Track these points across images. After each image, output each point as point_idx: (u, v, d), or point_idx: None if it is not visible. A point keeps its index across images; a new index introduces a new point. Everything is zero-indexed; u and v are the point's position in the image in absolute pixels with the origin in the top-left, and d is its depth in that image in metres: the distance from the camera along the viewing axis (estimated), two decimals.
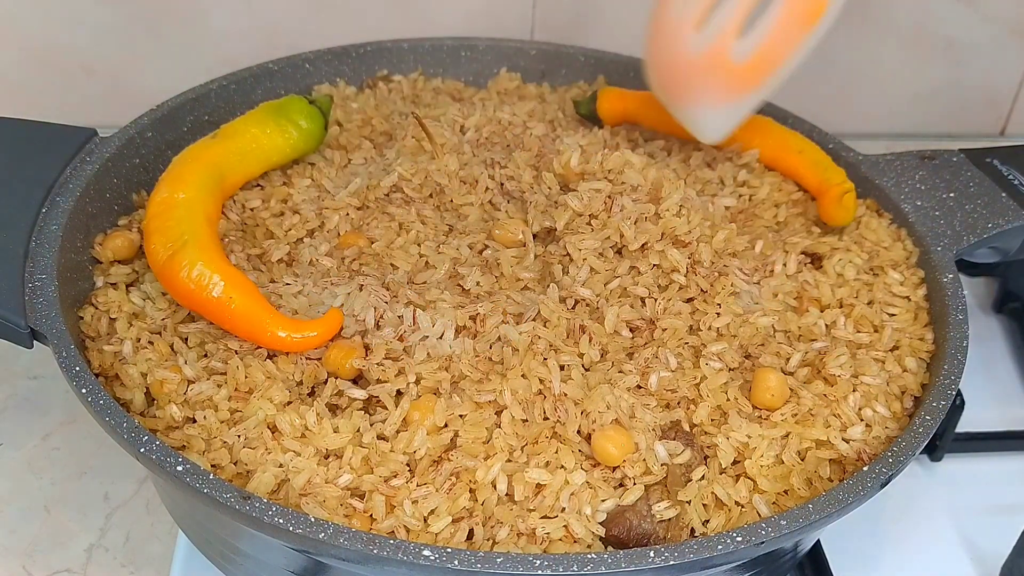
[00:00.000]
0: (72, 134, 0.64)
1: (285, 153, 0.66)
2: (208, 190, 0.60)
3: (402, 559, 0.44)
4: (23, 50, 0.90)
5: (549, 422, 0.52)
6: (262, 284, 0.59)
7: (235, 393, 0.53)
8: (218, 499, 0.45)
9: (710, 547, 0.46)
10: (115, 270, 0.60)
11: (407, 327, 0.55)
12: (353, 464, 0.50)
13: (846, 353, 0.57)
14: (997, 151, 0.72)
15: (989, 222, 0.66)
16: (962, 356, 0.58)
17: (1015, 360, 0.80)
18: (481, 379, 0.54)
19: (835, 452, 0.53)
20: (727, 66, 0.60)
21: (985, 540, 0.66)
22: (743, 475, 0.52)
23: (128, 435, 0.48)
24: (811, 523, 0.48)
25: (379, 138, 0.72)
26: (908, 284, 0.64)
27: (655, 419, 0.53)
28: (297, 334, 0.54)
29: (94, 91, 0.93)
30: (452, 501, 0.49)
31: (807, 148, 0.71)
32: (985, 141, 0.74)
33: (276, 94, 0.74)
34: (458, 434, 0.51)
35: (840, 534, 0.62)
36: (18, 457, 0.67)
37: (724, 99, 0.61)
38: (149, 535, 0.63)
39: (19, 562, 0.61)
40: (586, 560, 0.44)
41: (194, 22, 0.90)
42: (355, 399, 0.53)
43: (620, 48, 0.82)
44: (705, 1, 0.60)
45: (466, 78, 0.82)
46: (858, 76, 1.02)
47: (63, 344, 0.52)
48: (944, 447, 0.70)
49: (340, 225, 0.64)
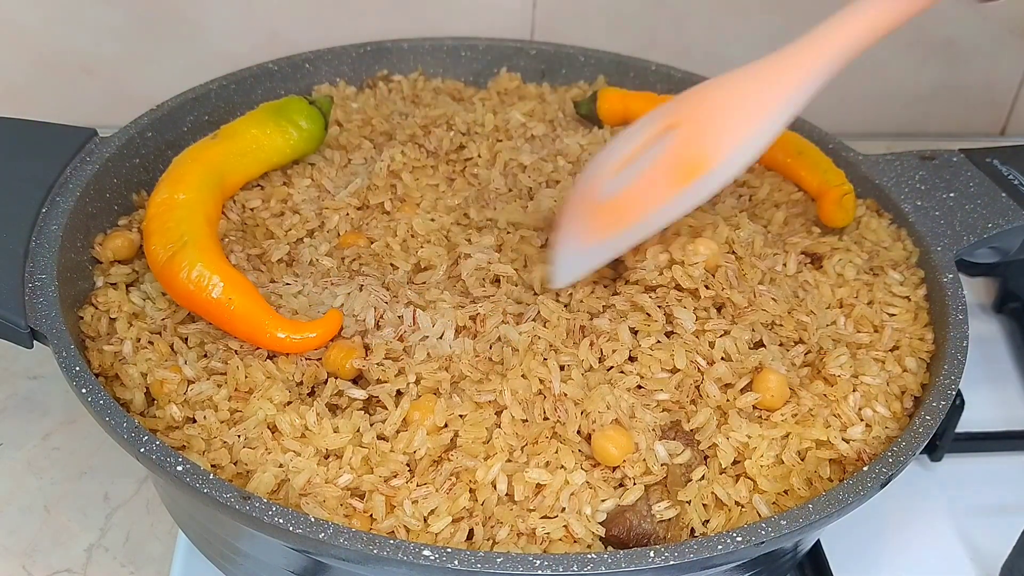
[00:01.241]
0: (72, 134, 0.64)
1: (285, 154, 0.66)
2: (208, 191, 0.60)
3: (402, 559, 0.44)
4: (23, 50, 0.90)
5: (549, 422, 0.52)
6: (262, 284, 0.59)
7: (235, 393, 0.53)
8: (218, 499, 0.45)
9: (710, 547, 0.46)
10: (115, 270, 0.60)
11: (407, 327, 0.55)
12: (353, 464, 0.50)
13: (846, 353, 0.57)
14: (997, 151, 0.72)
15: (989, 222, 0.66)
16: (962, 356, 0.58)
17: (1015, 360, 0.80)
18: (481, 379, 0.54)
19: (835, 452, 0.53)
20: (591, 203, 0.57)
21: (985, 540, 0.66)
22: (743, 475, 0.52)
23: (128, 435, 0.48)
24: (811, 523, 0.48)
25: (379, 138, 0.72)
26: (908, 284, 0.64)
27: (655, 419, 0.53)
28: (296, 335, 0.54)
29: (94, 91, 0.93)
30: (452, 501, 0.49)
31: (806, 149, 0.71)
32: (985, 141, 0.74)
33: (276, 94, 0.74)
34: (458, 434, 0.51)
35: (840, 534, 0.62)
36: (18, 457, 0.67)
37: (578, 236, 0.57)
38: (149, 535, 0.63)
39: (19, 562, 0.61)
40: (586, 560, 0.44)
41: (194, 22, 0.90)
42: (355, 399, 0.53)
43: (620, 48, 0.82)
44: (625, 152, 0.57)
45: (466, 78, 0.82)
46: (858, 76, 1.02)
47: (63, 344, 0.52)
48: (944, 447, 0.70)
49: (340, 225, 0.64)
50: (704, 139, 0.54)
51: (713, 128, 0.54)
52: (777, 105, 0.54)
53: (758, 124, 0.54)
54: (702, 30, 0.96)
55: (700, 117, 0.55)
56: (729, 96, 0.55)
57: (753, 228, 0.63)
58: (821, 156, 0.71)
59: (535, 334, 0.55)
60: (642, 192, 0.55)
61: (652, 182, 0.55)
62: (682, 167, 0.54)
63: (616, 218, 0.56)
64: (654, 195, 0.55)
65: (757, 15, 0.95)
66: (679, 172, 0.54)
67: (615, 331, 0.56)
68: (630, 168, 0.56)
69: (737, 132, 0.54)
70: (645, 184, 0.55)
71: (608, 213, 0.56)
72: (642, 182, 0.55)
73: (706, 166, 0.53)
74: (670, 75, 0.80)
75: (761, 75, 0.54)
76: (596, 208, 0.57)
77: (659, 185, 0.55)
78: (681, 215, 0.56)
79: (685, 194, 0.54)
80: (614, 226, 0.56)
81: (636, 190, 0.55)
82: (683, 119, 0.56)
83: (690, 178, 0.54)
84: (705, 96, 0.56)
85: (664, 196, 0.54)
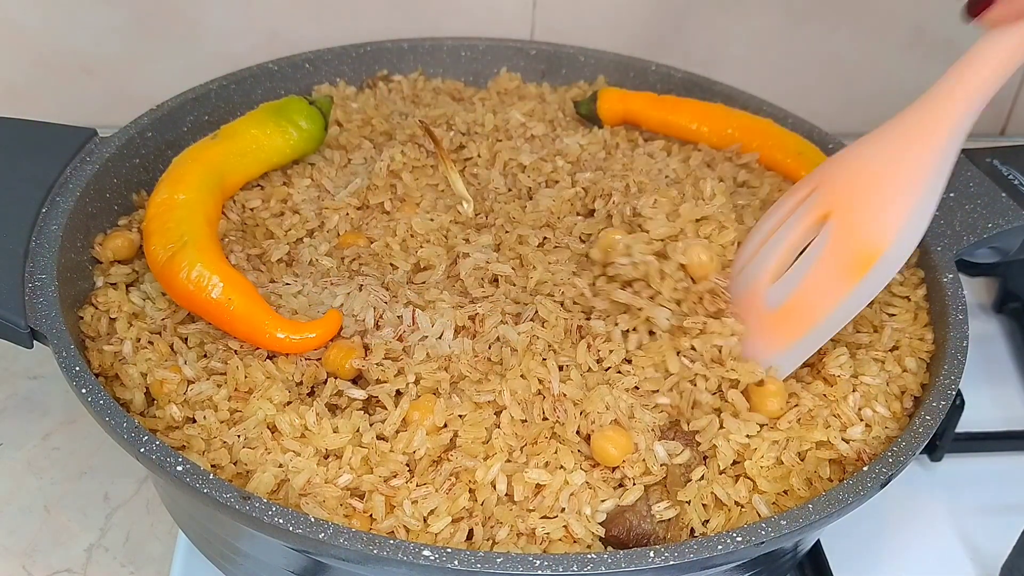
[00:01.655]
0: (72, 134, 0.64)
1: (285, 154, 0.66)
2: (208, 191, 0.60)
3: (402, 559, 0.44)
4: (23, 50, 0.90)
5: (548, 422, 0.52)
6: (262, 284, 0.59)
7: (235, 393, 0.53)
8: (218, 499, 0.45)
9: (710, 547, 0.46)
10: (115, 270, 0.60)
11: (406, 327, 0.55)
12: (353, 464, 0.50)
13: (846, 353, 0.57)
14: (997, 151, 0.72)
15: (989, 222, 0.66)
16: (962, 356, 0.57)
17: (1015, 360, 0.80)
18: (480, 379, 0.54)
19: (835, 452, 0.53)
20: (760, 311, 0.54)
21: (985, 540, 0.66)
22: (743, 475, 0.52)
23: (128, 435, 0.48)
24: (811, 523, 0.48)
25: (379, 138, 0.72)
26: (908, 284, 0.64)
27: (654, 419, 0.53)
28: (296, 335, 0.54)
29: (94, 91, 0.93)
30: (452, 501, 0.49)
31: (806, 150, 0.71)
32: (985, 141, 0.73)
33: (276, 94, 0.74)
34: (458, 434, 0.51)
35: (840, 534, 0.62)
36: (18, 457, 0.67)
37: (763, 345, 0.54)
38: (149, 535, 0.63)
39: (19, 562, 0.61)
40: (586, 560, 0.44)
41: (194, 22, 0.90)
42: (355, 399, 0.53)
43: (620, 48, 0.82)
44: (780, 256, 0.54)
45: (466, 78, 0.82)
46: (858, 76, 1.02)
47: (63, 344, 0.52)
48: (944, 447, 0.70)
49: (340, 225, 0.64)
50: (867, 224, 0.51)
51: (873, 209, 0.50)
52: (933, 163, 0.50)
53: (920, 190, 0.50)
54: (702, 30, 0.96)
55: (855, 199, 0.51)
56: (879, 166, 0.51)
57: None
58: (821, 156, 0.71)
59: (533, 334, 0.55)
60: (815, 295, 0.52)
61: (823, 282, 0.52)
62: (851, 261, 0.51)
63: (794, 326, 0.53)
64: (828, 295, 0.52)
65: (757, 15, 0.95)
66: (850, 267, 0.51)
67: (609, 333, 0.56)
68: (794, 272, 0.53)
69: (901, 206, 0.50)
70: (816, 285, 0.52)
71: (784, 321, 0.53)
72: (812, 283, 0.52)
73: (877, 253, 0.50)
74: (670, 75, 0.80)
75: (906, 133, 0.51)
76: (769, 318, 0.54)
77: (831, 284, 0.52)
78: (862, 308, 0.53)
79: (862, 287, 0.51)
80: (795, 334, 0.53)
81: (808, 293, 0.52)
82: (836, 204, 0.52)
83: (863, 271, 0.51)
84: (853, 171, 0.52)
85: (839, 295, 0.51)
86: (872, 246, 0.50)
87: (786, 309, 0.53)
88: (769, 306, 0.54)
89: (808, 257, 0.53)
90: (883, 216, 0.51)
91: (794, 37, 0.96)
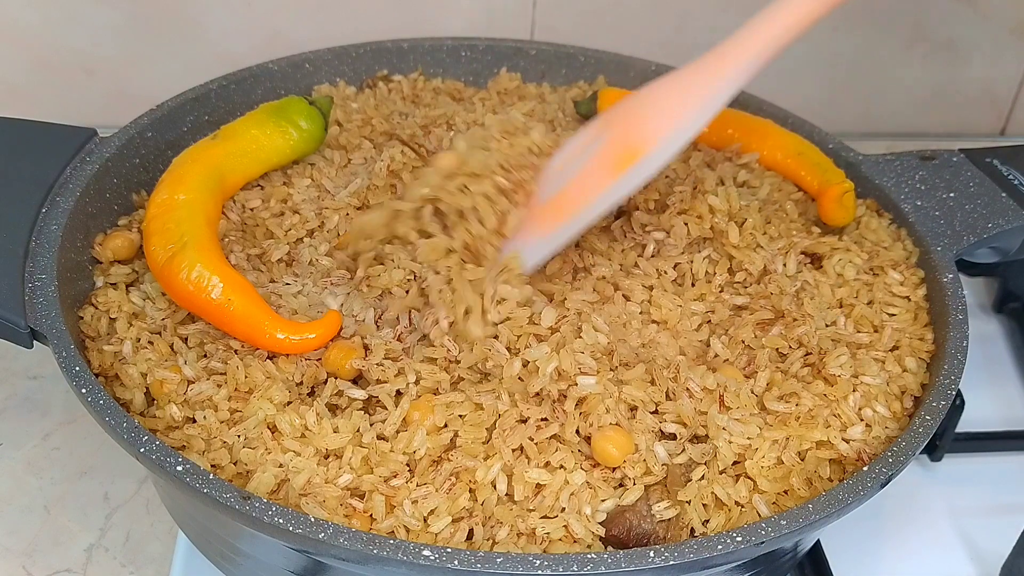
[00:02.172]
0: (72, 134, 0.64)
1: (285, 154, 0.66)
2: (208, 191, 0.60)
3: (402, 559, 0.44)
4: (24, 50, 0.90)
5: (548, 422, 0.52)
6: (262, 284, 0.59)
7: (235, 393, 0.53)
8: (218, 499, 0.45)
9: (710, 547, 0.46)
10: (115, 270, 0.60)
11: (405, 327, 0.55)
12: (353, 464, 0.50)
13: (846, 353, 0.57)
14: (997, 151, 0.72)
15: (989, 222, 0.66)
16: (962, 356, 0.58)
17: (1015, 360, 0.80)
18: (480, 379, 0.53)
19: (835, 452, 0.53)
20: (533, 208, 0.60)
21: (985, 540, 0.66)
22: (743, 475, 0.52)
23: (128, 435, 0.48)
24: (811, 523, 0.48)
25: (379, 138, 0.72)
26: (908, 284, 0.64)
27: (654, 420, 0.53)
28: (296, 336, 0.54)
29: (94, 91, 0.93)
30: (452, 501, 0.49)
31: (806, 150, 0.71)
32: (985, 141, 0.74)
33: (276, 94, 0.74)
34: (458, 434, 0.51)
35: (840, 534, 0.62)
36: (18, 457, 0.67)
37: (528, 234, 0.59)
38: (149, 535, 0.63)
39: (19, 562, 0.61)
40: (586, 560, 0.44)
41: (194, 22, 0.90)
42: (355, 399, 0.53)
43: (620, 48, 0.82)
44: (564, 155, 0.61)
45: (466, 78, 0.82)
46: (858, 76, 1.02)
47: (63, 344, 0.52)
48: (944, 447, 0.70)
49: (340, 225, 0.64)
50: (636, 132, 0.58)
51: (643, 122, 0.58)
52: (703, 95, 0.57)
53: (685, 115, 0.57)
54: (702, 30, 0.96)
55: (631, 115, 0.59)
56: (657, 96, 0.58)
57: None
58: (821, 156, 0.71)
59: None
60: (581, 185, 0.58)
61: (589, 175, 0.58)
62: (616, 158, 0.57)
63: (559, 211, 0.59)
64: (592, 186, 0.58)
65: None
66: (614, 163, 0.57)
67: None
68: (569, 167, 0.59)
69: (666, 122, 0.57)
70: (582, 180, 0.58)
71: (550, 210, 0.59)
72: (579, 179, 0.58)
73: (639, 154, 0.57)
74: None
75: (690, 73, 0.58)
76: (538, 209, 0.59)
77: (596, 177, 0.58)
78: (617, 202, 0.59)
79: (620, 181, 0.57)
80: (556, 221, 0.58)
81: (576, 184, 0.58)
82: (616, 120, 0.60)
83: (624, 166, 0.57)
84: (635, 99, 0.60)
85: (601, 185, 0.57)
86: (636, 148, 0.57)
87: (554, 200, 0.59)
88: (544, 196, 0.60)
89: (580, 159, 0.59)
90: (650, 126, 0.58)
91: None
